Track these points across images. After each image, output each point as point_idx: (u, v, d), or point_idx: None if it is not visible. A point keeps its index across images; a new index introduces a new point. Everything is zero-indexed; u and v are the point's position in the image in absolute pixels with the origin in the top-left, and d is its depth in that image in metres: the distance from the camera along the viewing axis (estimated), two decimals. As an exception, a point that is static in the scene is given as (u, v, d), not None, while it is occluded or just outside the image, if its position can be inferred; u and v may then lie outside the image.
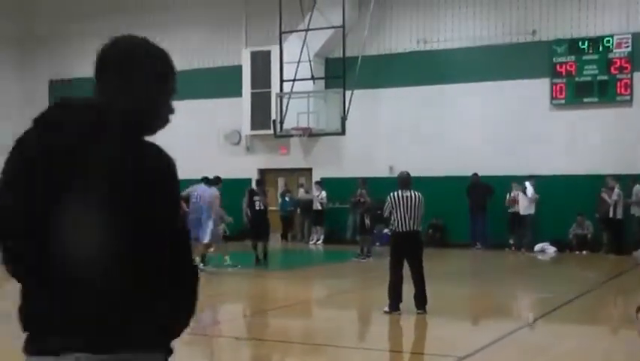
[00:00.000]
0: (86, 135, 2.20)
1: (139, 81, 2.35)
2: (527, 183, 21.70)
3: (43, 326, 2.21)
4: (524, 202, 21.74)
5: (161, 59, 2.44)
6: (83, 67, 29.67)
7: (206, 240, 17.10)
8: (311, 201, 24.74)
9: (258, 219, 18.04)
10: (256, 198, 18.11)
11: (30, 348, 2.23)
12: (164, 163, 2.26)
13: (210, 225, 17.13)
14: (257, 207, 18.07)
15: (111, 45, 2.44)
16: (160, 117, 2.47)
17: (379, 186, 18.18)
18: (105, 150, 2.18)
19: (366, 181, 20.48)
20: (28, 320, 2.25)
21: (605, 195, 21.04)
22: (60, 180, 2.19)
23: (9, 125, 30.19)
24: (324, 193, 24.37)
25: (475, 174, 22.78)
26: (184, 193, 18.41)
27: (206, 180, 17.82)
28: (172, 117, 2.55)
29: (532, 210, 21.72)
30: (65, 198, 2.16)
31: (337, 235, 24.32)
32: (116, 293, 2.16)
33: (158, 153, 2.27)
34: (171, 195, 2.26)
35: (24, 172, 2.26)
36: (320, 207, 24.40)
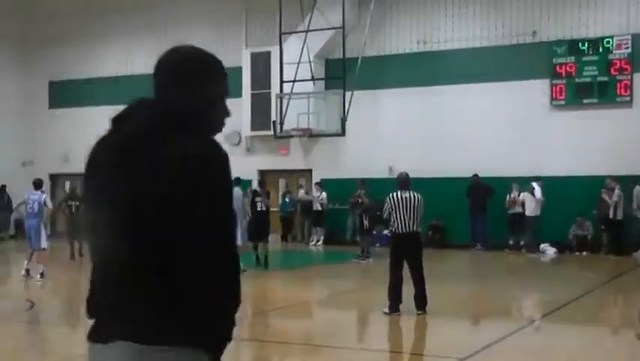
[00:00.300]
0: (145, 134, 2.37)
1: (195, 86, 2.59)
2: (535, 184, 21.59)
3: (98, 317, 2.38)
4: (532, 203, 21.58)
5: (214, 64, 2.77)
6: (83, 67, 29.79)
7: None
8: (311, 202, 24.74)
9: (259, 219, 17.93)
10: (258, 198, 18.03)
11: (89, 336, 2.40)
12: (204, 161, 2.35)
13: None
14: (259, 208, 17.95)
15: (171, 52, 2.69)
16: (215, 119, 2.72)
17: (379, 187, 18.17)
18: (161, 148, 2.32)
19: (365, 182, 20.45)
20: (88, 310, 2.42)
21: (605, 196, 21.03)
22: (115, 178, 2.35)
23: (8, 125, 30.40)
24: (324, 194, 24.37)
25: (476, 175, 22.78)
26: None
27: None
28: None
29: (538, 212, 21.65)
30: (117, 194, 2.33)
31: (337, 236, 24.32)
32: (155, 290, 2.27)
33: (202, 150, 2.38)
34: (208, 197, 2.32)
35: (95, 167, 2.48)
36: (320, 208, 24.40)
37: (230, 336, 2.43)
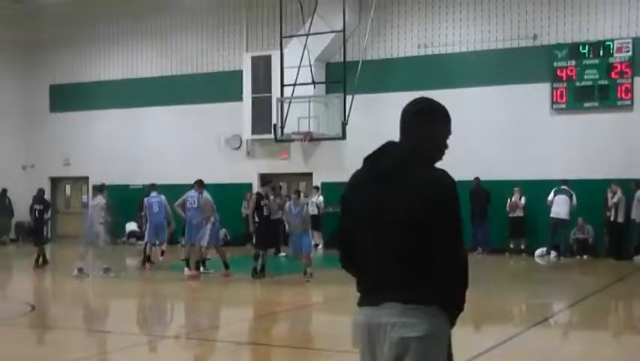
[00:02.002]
0: (396, 167, 3.49)
1: (433, 130, 3.56)
2: (566, 188, 21.37)
3: (370, 289, 3.52)
4: (566, 207, 21.16)
5: (446, 114, 3.61)
6: (84, 71, 29.82)
7: (204, 243, 17.17)
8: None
9: (266, 226, 17.02)
10: (264, 202, 17.05)
11: (361, 303, 3.58)
12: (443, 189, 3.41)
13: (208, 228, 17.18)
14: (265, 213, 17.00)
15: (415, 104, 3.60)
16: (441, 152, 3.61)
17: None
18: (412, 178, 3.43)
19: None
20: (360, 285, 3.62)
21: (609, 197, 20.99)
22: (377, 197, 3.49)
23: (9, 129, 30.41)
24: (321, 198, 24.31)
25: (477, 179, 22.76)
26: (180, 199, 18.45)
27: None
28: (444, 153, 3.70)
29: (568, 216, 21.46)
30: (380, 208, 3.44)
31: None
32: (412, 270, 3.37)
33: (443, 177, 3.45)
34: (445, 214, 3.38)
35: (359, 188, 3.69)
36: (317, 212, 24.27)
37: (461, 305, 3.49)
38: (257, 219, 16.93)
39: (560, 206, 21.27)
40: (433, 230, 3.32)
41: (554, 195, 21.39)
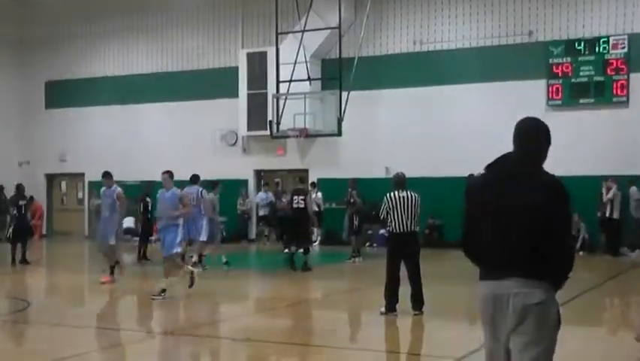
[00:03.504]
0: (517, 173, 4.35)
1: (540, 143, 4.47)
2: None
3: (493, 267, 4.32)
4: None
5: (548, 131, 4.51)
6: (79, 68, 29.76)
7: (203, 239, 17.26)
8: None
9: (295, 218, 17.59)
10: (297, 197, 17.57)
11: (485, 277, 4.37)
12: (557, 189, 4.26)
13: (205, 224, 17.26)
14: (295, 205, 17.51)
15: (526, 122, 4.55)
16: (544, 160, 4.48)
17: (376, 187, 18.14)
18: (531, 181, 4.29)
19: (356, 181, 20.34)
20: (484, 267, 4.39)
21: (604, 193, 21.02)
22: (504, 194, 4.32)
23: (5, 126, 30.33)
24: (319, 194, 24.31)
25: (471, 175, 22.74)
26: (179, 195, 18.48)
27: (191, 180, 17.91)
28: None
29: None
30: (501, 209, 4.29)
31: (334, 236, 24.27)
32: (530, 252, 4.20)
33: (556, 179, 4.30)
34: (559, 209, 4.23)
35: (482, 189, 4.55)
36: (316, 209, 24.24)
37: (563, 283, 4.33)
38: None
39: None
40: (549, 221, 4.18)
41: None
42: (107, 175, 16.65)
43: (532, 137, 4.48)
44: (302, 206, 17.49)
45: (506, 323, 4.25)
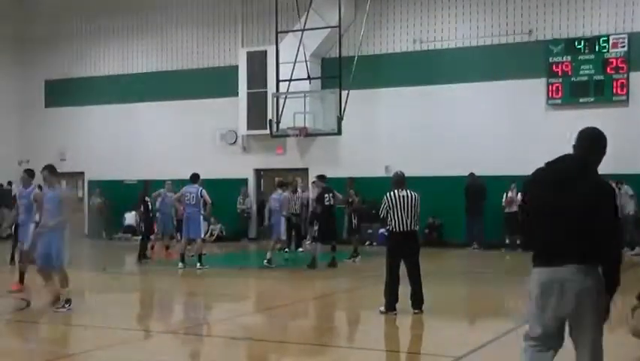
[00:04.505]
0: (574, 173, 5.05)
1: (598, 149, 5.17)
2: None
3: (552, 254, 5.02)
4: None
5: (606, 140, 5.19)
6: (79, 67, 29.75)
7: (202, 236, 17.47)
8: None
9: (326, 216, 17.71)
10: (327, 195, 17.76)
11: (543, 264, 5.07)
12: (607, 190, 5.00)
13: (201, 220, 17.48)
14: (326, 202, 17.63)
15: (588, 130, 5.27)
16: (599, 163, 5.15)
17: (376, 186, 18.14)
18: (586, 181, 4.99)
19: (354, 181, 20.31)
20: (541, 256, 5.10)
21: None
22: (562, 192, 5.01)
23: (4, 124, 30.32)
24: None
25: (472, 174, 22.78)
26: (178, 193, 18.55)
27: (191, 179, 17.97)
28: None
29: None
30: (560, 204, 4.98)
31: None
32: (585, 242, 4.91)
33: (605, 184, 5.03)
34: (609, 207, 4.96)
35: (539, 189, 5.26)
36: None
37: (615, 271, 5.01)
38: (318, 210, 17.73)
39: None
40: (600, 216, 4.87)
41: None
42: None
43: (592, 144, 5.19)
44: (332, 203, 17.79)
45: (562, 307, 4.96)
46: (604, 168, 5.67)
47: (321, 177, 18.76)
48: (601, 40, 22.15)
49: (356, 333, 10.99)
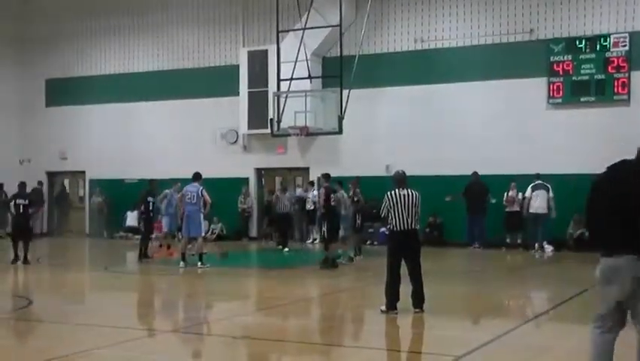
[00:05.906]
0: (632, 172, 5.74)
1: None
2: (542, 182, 21.51)
3: (614, 246, 5.77)
4: (545, 202, 21.49)
5: None
6: (80, 66, 29.75)
7: (202, 234, 17.54)
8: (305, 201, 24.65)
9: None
10: (339, 192, 18.33)
11: (607, 254, 5.87)
12: None
13: (201, 219, 17.58)
14: (332, 201, 17.91)
15: None
16: None
17: (377, 185, 18.15)
18: None
19: (359, 180, 20.28)
20: (607, 246, 5.88)
21: None
22: (620, 194, 5.71)
23: (6, 123, 30.33)
24: (320, 192, 24.18)
25: (475, 173, 22.77)
26: (180, 193, 18.60)
27: (193, 178, 18.02)
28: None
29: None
30: (629, 194, 5.67)
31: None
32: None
33: None
34: None
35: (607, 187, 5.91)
36: (313, 207, 24.16)
37: None
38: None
39: (539, 201, 21.46)
40: None
41: (532, 191, 21.58)
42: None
43: None
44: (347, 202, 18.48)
45: (623, 291, 5.81)
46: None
47: (326, 176, 18.72)
48: (602, 39, 22.14)
49: (357, 332, 10.98)
